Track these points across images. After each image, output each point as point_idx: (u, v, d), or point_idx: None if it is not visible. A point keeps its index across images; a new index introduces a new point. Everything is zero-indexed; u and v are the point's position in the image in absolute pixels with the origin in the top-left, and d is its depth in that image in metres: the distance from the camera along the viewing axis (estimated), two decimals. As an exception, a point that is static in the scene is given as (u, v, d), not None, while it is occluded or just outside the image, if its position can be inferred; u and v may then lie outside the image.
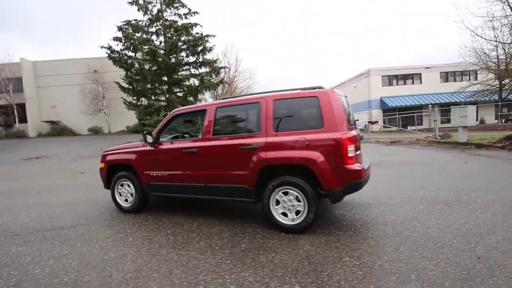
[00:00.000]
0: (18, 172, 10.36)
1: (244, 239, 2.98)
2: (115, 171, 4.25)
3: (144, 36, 19.07)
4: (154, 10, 19.37)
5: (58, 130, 28.19)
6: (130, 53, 19.09)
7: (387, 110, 26.56)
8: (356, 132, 3.19)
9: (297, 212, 3.01)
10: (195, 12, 20.09)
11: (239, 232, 3.18)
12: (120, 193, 4.22)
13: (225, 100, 3.55)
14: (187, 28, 18.84)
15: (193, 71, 20.25)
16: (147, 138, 3.74)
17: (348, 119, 3.07)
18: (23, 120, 28.33)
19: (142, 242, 3.06)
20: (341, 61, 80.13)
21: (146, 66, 18.29)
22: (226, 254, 2.66)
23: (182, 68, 19.97)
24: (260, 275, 2.25)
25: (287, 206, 3.04)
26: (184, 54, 19.70)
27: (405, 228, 3.04)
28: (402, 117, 22.92)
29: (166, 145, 3.82)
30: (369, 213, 3.60)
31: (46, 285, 2.28)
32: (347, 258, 2.45)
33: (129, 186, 4.11)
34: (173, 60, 18.48)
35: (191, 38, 19.10)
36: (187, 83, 19.47)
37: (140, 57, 18.27)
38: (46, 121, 29.12)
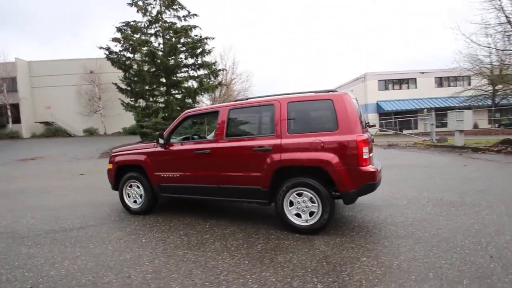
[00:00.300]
0: (14, 173, 10.19)
1: (259, 240, 3.00)
2: (124, 172, 4.24)
3: (143, 38, 19.00)
4: (154, 12, 19.33)
5: (53, 131, 27.86)
6: (129, 54, 18.99)
7: (383, 114, 26.93)
8: (368, 135, 3.25)
9: (311, 213, 3.05)
10: (194, 14, 20.12)
11: (253, 233, 3.20)
12: (129, 195, 4.20)
13: (239, 102, 3.59)
14: (187, 30, 18.85)
15: (192, 73, 20.24)
16: (159, 139, 3.75)
17: (361, 122, 3.13)
18: (17, 121, 27.91)
19: (156, 243, 3.05)
20: (342, 61, 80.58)
21: (145, 68, 18.20)
22: (243, 255, 2.68)
23: (181, 70, 19.93)
24: (281, 275, 2.27)
25: (301, 207, 3.07)
26: (183, 56, 19.67)
27: (416, 229, 3.11)
28: (398, 121, 23.25)
29: (178, 146, 3.83)
30: (379, 215, 3.65)
31: (64, 287, 2.27)
32: (365, 258, 2.49)
33: (138, 187, 4.10)
34: (172, 62, 18.44)
35: (190, 40, 19.10)
36: (186, 85, 19.43)
37: (139, 59, 18.18)
38: (41, 122, 28.74)
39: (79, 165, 11.78)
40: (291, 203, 3.12)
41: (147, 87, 18.56)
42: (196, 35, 19.45)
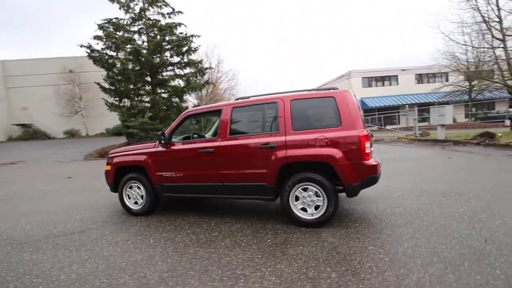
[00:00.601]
0: (-4, 179, 9.70)
1: (268, 235, 3.07)
2: (123, 174, 4.17)
3: (126, 35, 18.50)
4: (137, 9, 18.83)
5: (31, 134, 26.62)
6: (112, 53, 18.43)
7: (367, 110, 27.68)
8: (368, 130, 3.39)
9: (316, 207, 3.15)
10: (179, 12, 19.78)
11: (260, 229, 3.27)
12: (129, 196, 4.15)
13: (241, 101, 3.63)
14: (172, 28, 18.53)
15: (178, 72, 19.93)
16: (161, 139, 3.73)
17: (362, 118, 3.26)
18: (-9, 124, 26.46)
19: (165, 243, 3.06)
20: (338, 59, 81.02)
21: (129, 66, 17.74)
22: (255, 249, 2.74)
23: (166, 69, 19.59)
24: (296, 267, 2.36)
25: (307, 202, 3.17)
26: (168, 54, 19.34)
27: (414, 218, 3.29)
28: (382, 117, 24.00)
29: (180, 146, 3.82)
30: (377, 206, 3.83)
31: (79, 290, 2.25)
32: (371, 247, 2.62)
33: (139, 188, 4.05)
34: (157, 60, 18.09)
35: (175, 38, 18.80)
36: (172, 84, 19.13)
37: (123, 57, 17.68)
38: (17, 124, 27.35)
39: (64, 168, 11.37)
40: (297, 198, 3.21)
41: (132, 86, 18.11)
42: (181, 33, 19.17)
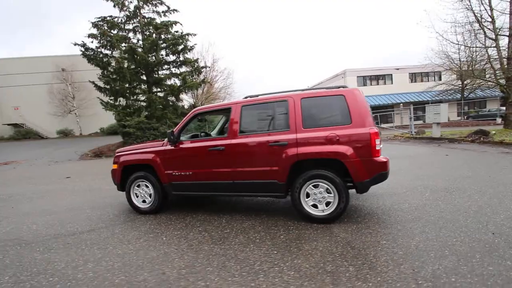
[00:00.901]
0: (-9, 179, 9.51)
1: (280, 231, 3.11)
2: (130, 172, 4.16)
3: (121, 34, 18.28)
4: (131, 7, 18.64)
5: (23, 134, 26.11)
6: (106, 51, 18.19)
7: (362, 109, 27.95)
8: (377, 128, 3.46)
9: (327, 204, 3.21)
10: (174, 10, 19.66)
11: (272, 226, 3.31)
12: (137, 195, 4.14)
13: (251, 99, 3.66)
14: (167, 26, 18.40)
15: (174, 71, 19.81)
16: (171, 137, 3.73)
17: (371, 116, 3.32)
18: (-19, 123, 25.88)
19: (179, 240, 3.07)
20: (334, 58, 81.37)
21: (125, 65, 17.54)
22: (270, 246, 2.78)
23: (162, 67, 19.44)
24: (313, 261, 2.40)
25: (318, 198, 3.22)
26: (164, 53, 19.19)
27: (422, 213, 3.37)
28: (377, 116, 24.27)
29: (189, 144, 3.83)
30: (384, 202, 3.91)
31: (99, 288, 2.25)
32: (384, 241, 2.69)
33: (147, 187, 4.05)
34: (153, 59, 17.94)
35: (171, 37, 18.67)
36: (168, 83, 19.00)
37: (118, 55, 17.46)
38: (9, 124, 26.80)
39: (60, 168, 11.21)
40: (308, 195, 3.26)
41: (127, 85, 17.93)
42: (177, 31, 19.05)
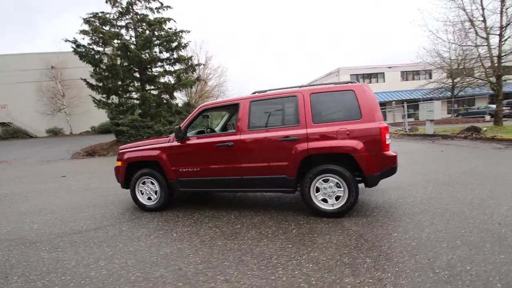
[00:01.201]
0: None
1: (291, 226, 3.13)
2: (135, 169, 4.10)
3: (113, 30, 17.93)
4: (123, 3, 18.29)
5: (11, 133, 25.37)
6: (98, 48, 17.81)
7: (355, 107, 28.30)
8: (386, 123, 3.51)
9: (337, 198, 3.24)
10: (168, 7, 19.37)
11: (282, 220, 3.32)
12: (142, 192, 4.09)
13: (259, 94, 3.65)
14: (161, 23, 18.14)
15: (168, 68, 19.57)
16: (178, 134, 3.69)
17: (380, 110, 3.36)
18: (-34, 122, 25.00)
19: (190, 236, 3.05)
20: (327, 57, 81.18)
21: (117, 62, 17.21)
22: (283, 240, 2.79)
23: (156, 65, 19.18)
24: (329, 254, 2.43)
25: (328, 193, 3.25)
26: (157, 50, 18.93)
27: (428, 206, 3.45)
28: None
29: (196, 140, 3.79)
30: (390, 196, 3.97)
31: (114, 285, 2.21)
32: (396, 234, 2.74)
33: (153, 184, 4.00)
34: (147, 56, 17.68)
35: (165, 34, 18.43)
36: (162, 80, 18.77)
37: (110, 52, 17.12)
38: (-5, 123, 25.98)
39: (53, 168, 10.95)
40: (317, 189, 3.28)
41: (120, 83, 17.61)
42: (171, 28, 18.81)
